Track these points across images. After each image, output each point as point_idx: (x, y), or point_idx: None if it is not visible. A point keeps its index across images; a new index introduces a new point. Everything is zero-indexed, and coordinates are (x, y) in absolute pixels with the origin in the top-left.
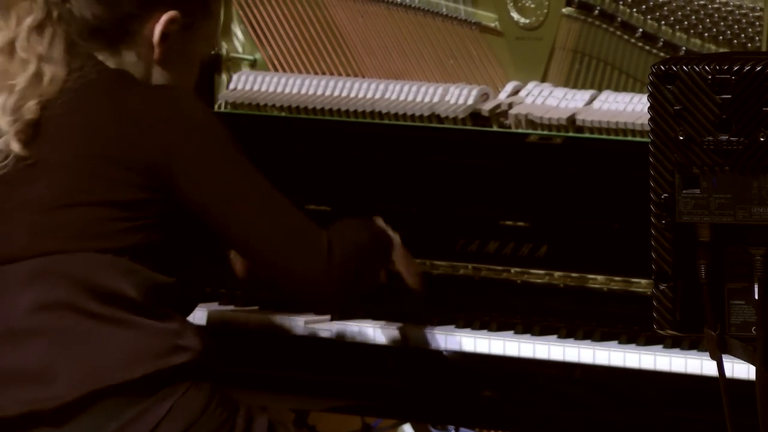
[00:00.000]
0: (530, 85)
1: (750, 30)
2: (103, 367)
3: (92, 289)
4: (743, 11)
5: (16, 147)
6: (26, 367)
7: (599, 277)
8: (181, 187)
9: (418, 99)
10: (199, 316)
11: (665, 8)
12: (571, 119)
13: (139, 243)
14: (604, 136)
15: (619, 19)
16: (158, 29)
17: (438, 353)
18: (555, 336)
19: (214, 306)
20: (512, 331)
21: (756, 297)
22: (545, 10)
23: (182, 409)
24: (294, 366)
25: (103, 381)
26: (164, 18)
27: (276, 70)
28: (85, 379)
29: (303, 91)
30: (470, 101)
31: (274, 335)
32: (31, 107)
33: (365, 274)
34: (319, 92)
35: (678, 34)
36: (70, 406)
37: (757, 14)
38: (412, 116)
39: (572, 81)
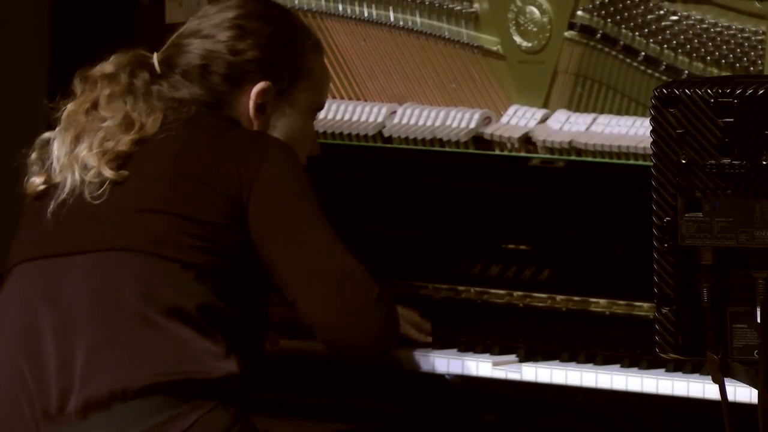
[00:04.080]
0: (531, 109)
1: (752, 54)
2: (139, 367)
3: (149, 293)
4: (745, 35)
5: (108, 173)
6: (67, 359)
7: (601, 301)
8: (251, 217)
9: (421, 122)
10: None
11: (667, 32)
12: (574, 143)
13: (207, 263)
14: (606, 160)
15: (621, 42)
16: (251, 104)
17: (440, 377)
18: (557, 360)
19: None
20: (514, 355)
21: (758, 320)
22: (547, 34)
23: (206, 426)
24: (294, 389)
25: (137, 381)
26: (254, 92)
27: None
28: (120, 377)
29: None
30: (472, 125)
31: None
32: (124, 141)
33: (397, 332)
34: (321, 115)
35: (680, 57)
36: (99, 402)
37: (759, 38)
38: (415, 140)
39: (574, 104)
